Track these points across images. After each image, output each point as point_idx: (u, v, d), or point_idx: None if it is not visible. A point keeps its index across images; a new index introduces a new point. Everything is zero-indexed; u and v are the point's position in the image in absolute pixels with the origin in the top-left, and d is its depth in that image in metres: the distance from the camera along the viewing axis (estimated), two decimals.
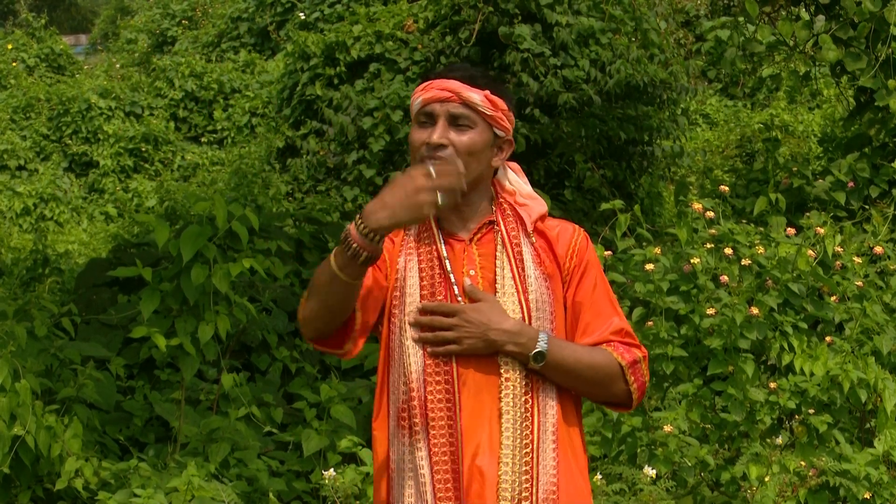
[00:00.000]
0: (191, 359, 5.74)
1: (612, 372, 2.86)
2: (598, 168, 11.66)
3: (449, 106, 2.87)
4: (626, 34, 11.52)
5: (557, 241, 2.92)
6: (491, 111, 2.89)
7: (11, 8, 31.28)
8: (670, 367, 5.39)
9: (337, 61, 12.34)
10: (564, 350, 2.82)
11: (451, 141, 2.85)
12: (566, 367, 2.82)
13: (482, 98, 2.88)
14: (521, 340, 2.78)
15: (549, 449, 2.80)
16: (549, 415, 2.82)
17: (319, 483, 5.76)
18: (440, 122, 2.87)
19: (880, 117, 8.76)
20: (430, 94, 2.88)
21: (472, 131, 2.88)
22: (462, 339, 2.78)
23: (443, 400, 2.80)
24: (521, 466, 2.77)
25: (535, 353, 2.78)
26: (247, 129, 16.63)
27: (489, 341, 2.78)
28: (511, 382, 2.80)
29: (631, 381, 2.88)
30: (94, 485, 5.45)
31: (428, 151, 2.85)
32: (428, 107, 2.89)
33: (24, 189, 15.29)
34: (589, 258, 2.93)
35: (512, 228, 2.91)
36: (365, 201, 11.59)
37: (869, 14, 8.50)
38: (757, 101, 17.42)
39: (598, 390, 2.88)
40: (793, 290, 5.60)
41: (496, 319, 2.79)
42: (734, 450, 5.66)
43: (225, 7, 20.40)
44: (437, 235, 2.91)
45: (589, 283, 2.92)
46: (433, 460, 2.79)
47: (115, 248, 9.25)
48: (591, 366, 2.84)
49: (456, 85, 2.87)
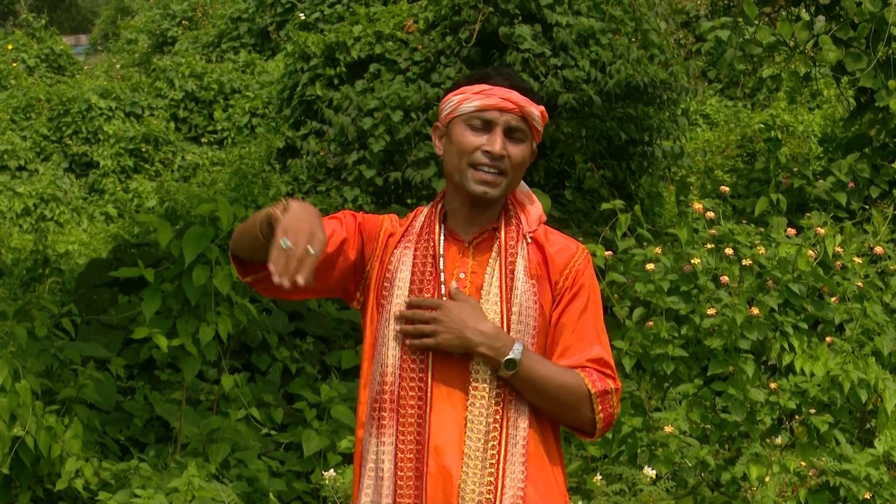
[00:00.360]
0: (192, 359, 5.75)
1: (580, 397, 2.83)
2: (599, 168, 11.66)
3: (509, 117, 2.86)
4: (627, 34, 11.52)
5: (554, 259, 2.90)
6: (541, 127, 2.92)
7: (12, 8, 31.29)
8: (671, 368, 5.39)
9: (337, 62, 12.34)
10: (536, 364, 2.80)
11: (508, 152, 2.86)
12: (535, 381, 2.79)
13: (539, 115, 2.89)
14: (496, 345, 2.77)
15: (518, 462, 2.78)
16: (519, 428, 2.80)
17: (320, 483, 5.76)
18: (498, 131, 2.86)
19: (880, 118, 8.76)
20: (492, 102, 2.86)
21: (524, 144, 2.89)
22: (438, 333, 2.77)
23: (414, 398, 2.80)
24: (484, 474, 2.75)
25: (507, 359, 2.76)
26: (247, 130, 16.63)
27: (464, 339, 2.76)
28: (479, 392, 2.79)
29: (598, 411, 2.84)
30: (95, 485, 5.45)
31: (485, 158, 2.84)
32: (487, 113, 2.86)
33: (24, 189, 15.29)
34: (584, 281, 2.90)
35: (511, 237, 2.90)
36: (365, 202, 11.60)
37: (869, 14, 8.50)
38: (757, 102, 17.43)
39: (563, 412, 2.85)
40: (793, 291, 5.59)
41: (474, 320, 2.78)
42: (734, 450, 5.66)
43: (225, 7, 20.40)
44: (439, 232, 2.91)
45: (577, 306, 2.89)
46: (398, 457, 2.79)
47: (115, 249, 9.25)
48: (561, 385, 2.81)
49: (519, 98, 2.86)
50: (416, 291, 2.85)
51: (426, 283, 2.86)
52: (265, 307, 7.54)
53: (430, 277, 2.87)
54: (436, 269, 2.87)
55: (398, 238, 2.95)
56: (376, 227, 2.97)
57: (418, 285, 2.86)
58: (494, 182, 2.85)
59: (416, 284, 2.86)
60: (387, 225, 2.98)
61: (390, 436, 2.81)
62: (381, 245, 2.95)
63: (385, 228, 2.97)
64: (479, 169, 2.84)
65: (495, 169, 2.84)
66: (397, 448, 2.79)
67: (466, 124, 2.88)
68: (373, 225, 2.97)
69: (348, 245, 2.93)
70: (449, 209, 2.94)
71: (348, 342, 8.05)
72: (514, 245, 2.89)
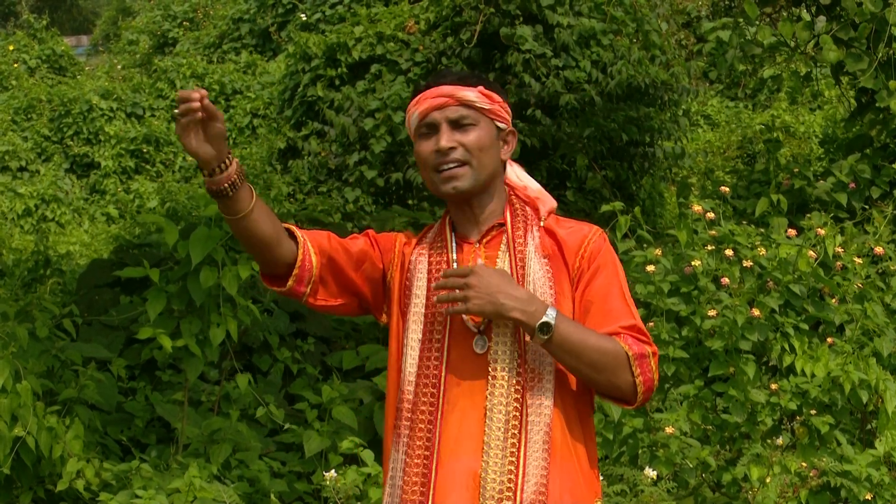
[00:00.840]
0: (195, 360, 5.75)
1: (619, 359, 2.78)
2: (600, 169, 11.66)
3: (447, 111, 2.88)
4: (628, 35, 11.52)
5: (566, 241, 2.90)
6: (489, 105, 2.90)
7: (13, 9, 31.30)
8: (671, 369, 5.40)
9: (338, 62, 12.34)
10: (571, 328, 2.76)
11: (458, 142, 2.86)
12: (571, 345, 2.75)
13: (477, 94, 2.89)
14: (530, 309, 2.74)
15: (540, 450, 2.76)
16: (542, 415, 2.78)
17: (321, 484, 5.76)
18: (443, 127, 2.87)
19: (881, 118, 8.76)
20: (425, 105, 2.89)
21: (477, 128, 2.88)
22: (471, 297, 2.74)
23: (426, 403, 2.82)
24: (505, 465, 2.74)
25: (542, 322, 2.73)
26: (248, 130, 16.63)
27: (497, 304, 2.73)
28: (498, 381, 2.78)
29: (637, 374, 2.79)
30: (96, 486, 5.46)
31: (439, 158, 2.86)
32: (427, 118, 2.89)
33: (25, 190, 15.30)
34: (603, 260, 2.89)
35: (518, 229, 2.90)
36: (366, 202, 11.60)
37: (870, 15, 8.50)
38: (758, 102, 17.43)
39: (603, 377, 2.79)
40: (794, 292, 5.59)
41: (507, 286, 2.76)
42: (735, 451, 5.66)
43: (226, 8, 20.40)
44: (450, 239, 2.94)
45: (600, 283, 2.87)
46: (406, 462, 2.80)
47: (116, 249, 9.25)
48: (598, 349, 2.76)
49: (448, 88, 2.88)
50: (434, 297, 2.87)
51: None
52: (266, 308, 7.54)
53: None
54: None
55: (412, 248, 2.98)
56: (392, 240, 3.02)
57: (435, 291, 2.87)
58: (458, 174, 2.86)
59: (434, 291, 2.87)
60: (401, 238, 3.02)
61: (404, 444, 2.83)
62: (398, 255, 2.99)
63: (399, 240, 3.01)
64: (439, 170, 2.87)
65: (452, 163, 2.86)
66: (406, 454, 2.81)
67: (418, 136, 2.93)
68: (387, 238, 3.02)
69: (372, 255, 2.97)
70: (455, 217, 2.97)
71: (349, 343, 8.06)
72: (523, 235, 2.90)
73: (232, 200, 2.77)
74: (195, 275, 5.57)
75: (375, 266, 2.97)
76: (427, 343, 2.85)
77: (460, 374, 2.82)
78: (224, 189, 2.75)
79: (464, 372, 2.82)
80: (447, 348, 2.84)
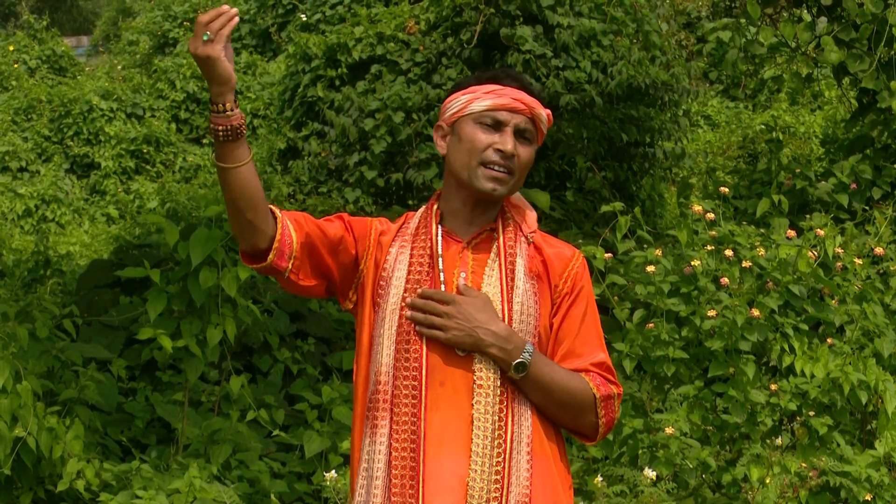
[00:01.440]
0: (195, 361, 5.75)
1: (585, 402, 2.84)
2: (601, 170, 11.66)
3: (519, 118, 2.89)
4: (628, 36, 11.51)
5: (553, 261, 2.91)
6: (545, 129, 2.96)
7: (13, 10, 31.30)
8: (671, 369, 5.40)
9: (338, 63, 12.34)
10: (545, 368, 2.81)
11: (517, 153, 2.88)
12: (543, 384, 2.80)
13: (548, 117, 2.93)
14: (508, 347, 2.77)
15: (524, 459, 2.78)
16: (524, 425, 2.80)
17: (321, 485, 5.76)
18: (508, 131, 2.88)
19: (882, 119, 8.77)
20: (503, 101, 2.88)
21: (531, 146, 2.92)
22: (449, 328, 2.76)
23: (409, 396, 2.80)
24: (492, 472, 2.75)
25: (518, 362, 2.77)
26: (248, 131, 16.59)
27: (476, 339, 2.76)
28: (484, 389, 2.79)
29: (601, 415, 2.86)
30: (96, 486, 5.46)
31: (496, 156, 2.85)
32: (498, 113, 2.88)
33: (25, 191, 15.29)
34: (583, 286, 2.92)
35: (510, 238, 2.91)
36: (366, 203, 11.60)
37: (871, 15, 8.51)
38: (758, 103, 17.42)
39: (568, 416, 2.86)
40: (793, 292, 5.60)
41: (487, 319, 2.77)
42: (735, 451, 5.66)
43: None
44: (436, 232, 2.91)
45: (578, 311, 2.90)
46: (392, 456, 2.78)
47: (116, 250, 9.26)
48: (567, 390, 2.82)
49: (530, 100, 2.90)
50: (413, 291, 2.85)
51: (423, 283, 2.85)
52: (266, 308, 7.54)
53: (428, 277, 2.86)
54: (434, 269, 2.87)
55: (391, 237, 2.94)
56: (366, 227, 2.96)
57: (414, 284, 2.85)
58: (504, 180, 2.87)
59: (413, 284, 2.86)
60: (376, 225, 2.96)
61: (383, 435, 2.80)
62: (374, 244, 2.94)
63: (375, 227, 2.96)
64: (489, 167, 2.86)
65: (505, 168, 2.86)
66: (391, 448, 2.79)
67: (477, 122, 2.89)
68: (362, 224, 2.96)
69: (347, 241, 2.92)
70: (447, 210, 2.94)
71: (349, 343, 8.06)
72: (514, 245, 2.90)
73: (238, 144, 2.72)
74: (195, 275, 5.57)
75: (348, 252, 2.92)
76: (405, 335, 2.83)
77: (443, 374, 2.81)
78: (235, 127, 2.69)
79: (447, 373, 2.81)
80: (426, 345, 2.82)
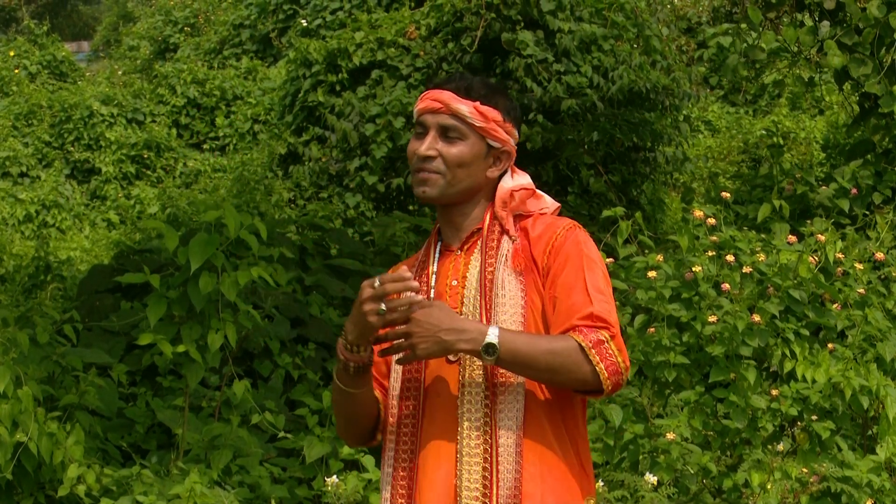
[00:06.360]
0: (196, 366, 5.75)
1: (573, 355, 2.72)
2: (605, 173, 11.67)
3: (439, 117, 2.88)
4: (629, 41, 11.53)
5: (536, 243, 2.87)
6: (481, 122, 2.87)
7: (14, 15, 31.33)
8: (672, 375, 5.40)
9: (339, 68, 12.34)
10: (517, 340, 2.73)
11: (439, 152, 2.86)
12: (522, 356, 2.72)
13: (471, 110, 2.86)
14: (472, 336, 2.72)
15: (513, 454, 2.75)
16: (513, 419, 2.77)
17: (322, 490, 5.76)
18: (430, 133, 2.88)
19: (884, 123, 8.77)
20: (423, 105, 2.90)
21: (463, 143, 2.87)
22: (417, 344, 2.74)
23: (410, 416, 2.85)
24: (479, 472, 2.75)
25: (486, 344, 2.70)
26: (249, 136, 16.63)
27: (442, 342, 2.72)
28: (468, 388, 2.79)
29: (596, 362, 2.72)
30: (97, 491, 5.46)
31: (417, 161, 2.88)
32: (423, 117, 2.90)
33: (26, 196, 15.29)
34: (567, 252, 2.83)
35: (492, 231, 2.90)
36: (367, 208, 11.60)
37: (874, 20, 8.51)
38: (759, 108, 17.42)
39: (563, 377, 2.74)
40: (794, 297, 5.60)
41: (444, 319, 2.73)
42: (736, 457, 5.65)
43: (227, 14, 20.39)
44: (434, 250, 2.96)
45: (565, 277, 2.81)
46: (393, 476, 2.85)
47: (117, 255, 9.26)
48: (549, 351, 2.72)
49: (446, 96, 2.87)
50: None
51: None
52: (267, 314, 7.54)
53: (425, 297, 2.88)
54: (428, 287, 2.92)
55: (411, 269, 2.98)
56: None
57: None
58: (429, 180, 2.87)
59: None
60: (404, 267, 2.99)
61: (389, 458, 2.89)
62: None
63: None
64: (416, 172, 2.89)
65: (426, 170, 2.87)
66: (395, 468, 2.86)
67: (414, 133, 2.94)
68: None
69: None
70: (441, 224, 2.99)
71: None
72: (496, 239, 2.89)
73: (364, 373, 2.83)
74: (195, 280, 5.56)
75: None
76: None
77: (439, 385, 2.83)
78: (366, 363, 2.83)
79: (441, 382, 2.83)
80: (424, 362, 2.85)
